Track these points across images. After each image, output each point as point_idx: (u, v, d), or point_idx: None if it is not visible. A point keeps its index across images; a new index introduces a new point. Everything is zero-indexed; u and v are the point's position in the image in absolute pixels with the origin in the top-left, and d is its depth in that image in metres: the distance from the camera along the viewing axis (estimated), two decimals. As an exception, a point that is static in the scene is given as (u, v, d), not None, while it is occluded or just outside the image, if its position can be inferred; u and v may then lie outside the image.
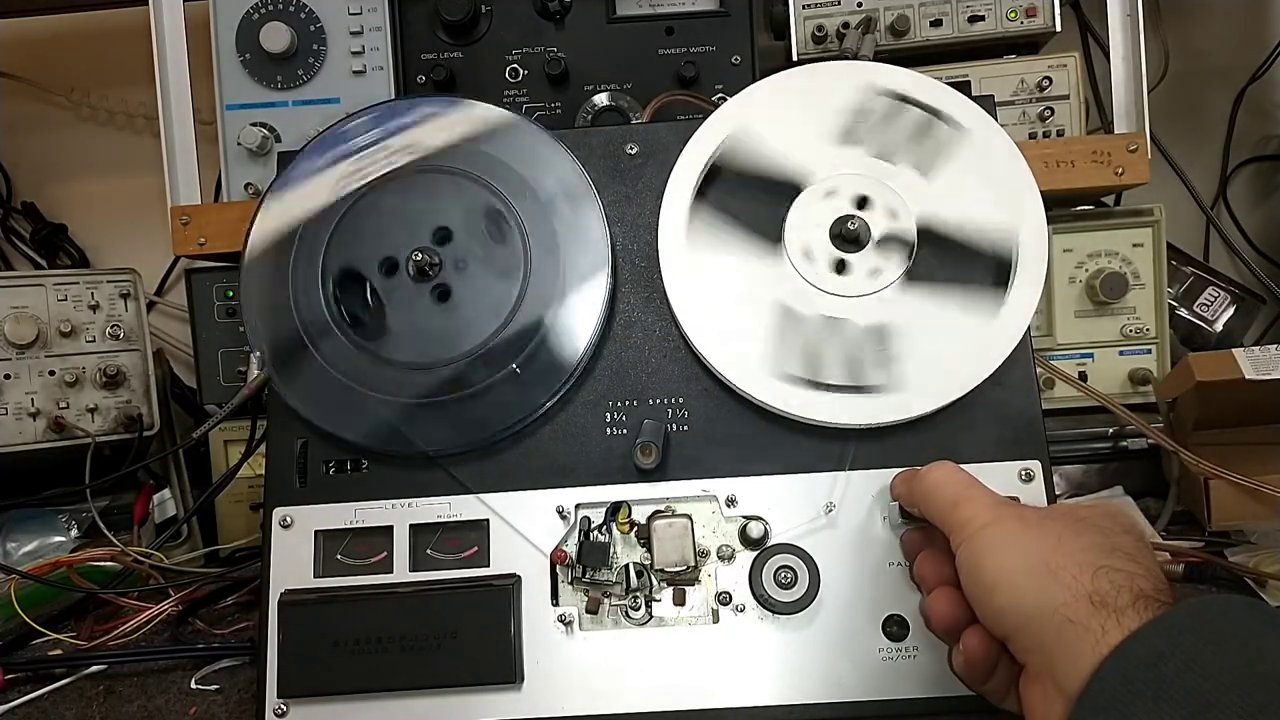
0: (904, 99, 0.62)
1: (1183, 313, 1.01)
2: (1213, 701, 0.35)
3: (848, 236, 0.59)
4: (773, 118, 0.62)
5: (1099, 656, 0.39)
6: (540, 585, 0.59)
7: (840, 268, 0.60)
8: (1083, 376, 0.92)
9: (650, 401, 0.61)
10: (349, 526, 0.60)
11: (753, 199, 0.61)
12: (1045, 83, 0.93)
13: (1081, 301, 0.93)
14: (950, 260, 0.59)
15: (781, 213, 0.61)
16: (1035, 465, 0.59)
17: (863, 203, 0.60)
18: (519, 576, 0.59)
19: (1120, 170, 0.84)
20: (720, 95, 0.93)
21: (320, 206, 0.63)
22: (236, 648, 0.71)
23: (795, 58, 0.96)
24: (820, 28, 0.96)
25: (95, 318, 0.91)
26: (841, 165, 0.61)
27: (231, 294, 0.92)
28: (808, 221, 0.60)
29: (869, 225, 0.60)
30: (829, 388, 0.58)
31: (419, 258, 0.61)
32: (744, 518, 0.59)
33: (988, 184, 0.60)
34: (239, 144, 0.92)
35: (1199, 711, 0.35)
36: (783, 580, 0.57)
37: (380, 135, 0.64)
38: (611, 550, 0.59)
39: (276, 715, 0.57)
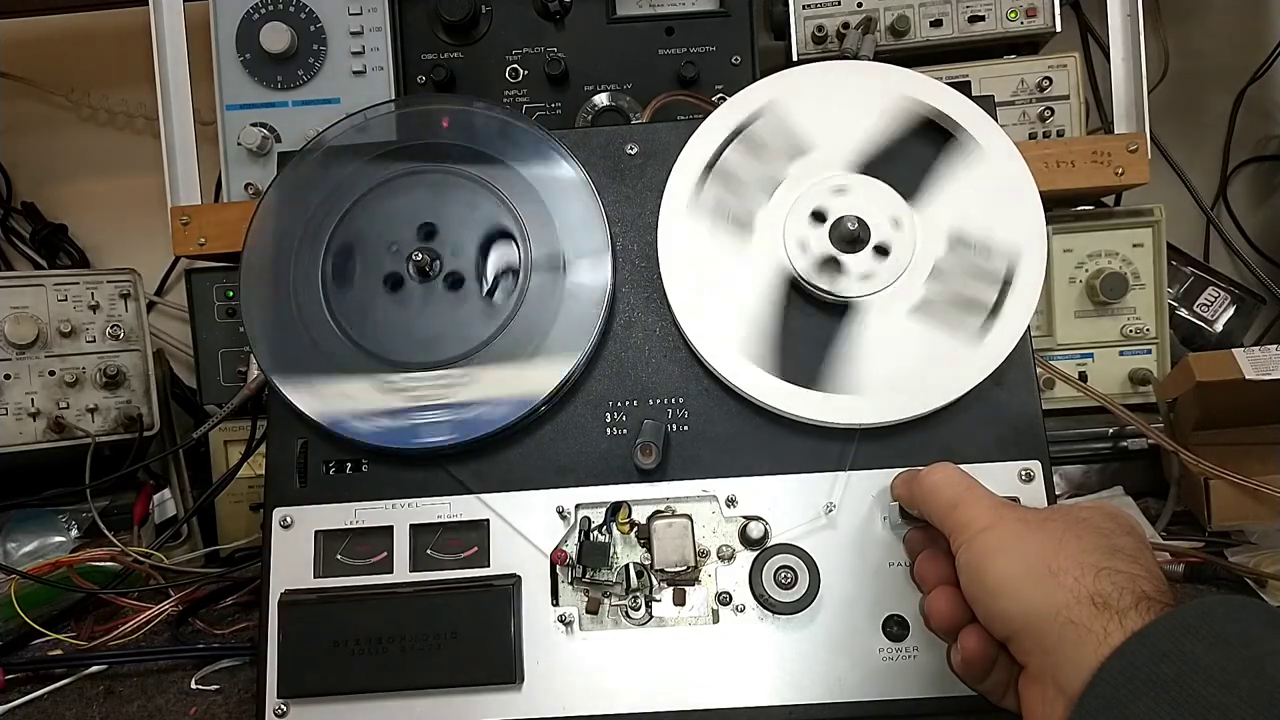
0: (710, 162, 0.61)
1: (1183, 313, 1.01)
2: (1214, 703, 0.35)
3: (847, 236, 0.59)
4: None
5: (1101, 658, 0.39)
6: (540, 585, 0.59)
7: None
8: (1083, 377, 0.92)
9: (650, 401, 0.61)
10: (349, 526, 0.60)
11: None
12: (1045, 83, 0.93)
13: (1081, 301, 0.93)
14: (902, 162, 0.59)
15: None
16: (1035, 465, 0.59)
17: (819, 215, 0.60)
18: (519, 576, 0.59)
19: (1120, 170, 0.84)
20: (720, 95, 0.93)
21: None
22: (236, 648, 0.71)
23: (795, 58, 0.96)
24: (820, 28, 0.96)
25: (95, 318, 0.91)
26: (776, 217, 0.61)
27: (231, 294, 0.92)
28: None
29: (869, 228, 0.59)
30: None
31: (419, 258, 0.61)
32: (744, 518, 0.59)
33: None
34: (239, 144, 0.92)
35: (1200, 713, 0.35)
36: (783, 580, 0.57)
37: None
38: (611, 550, 0.59)
39: (276, 715, 0.57)
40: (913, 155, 0.61)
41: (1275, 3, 1.18)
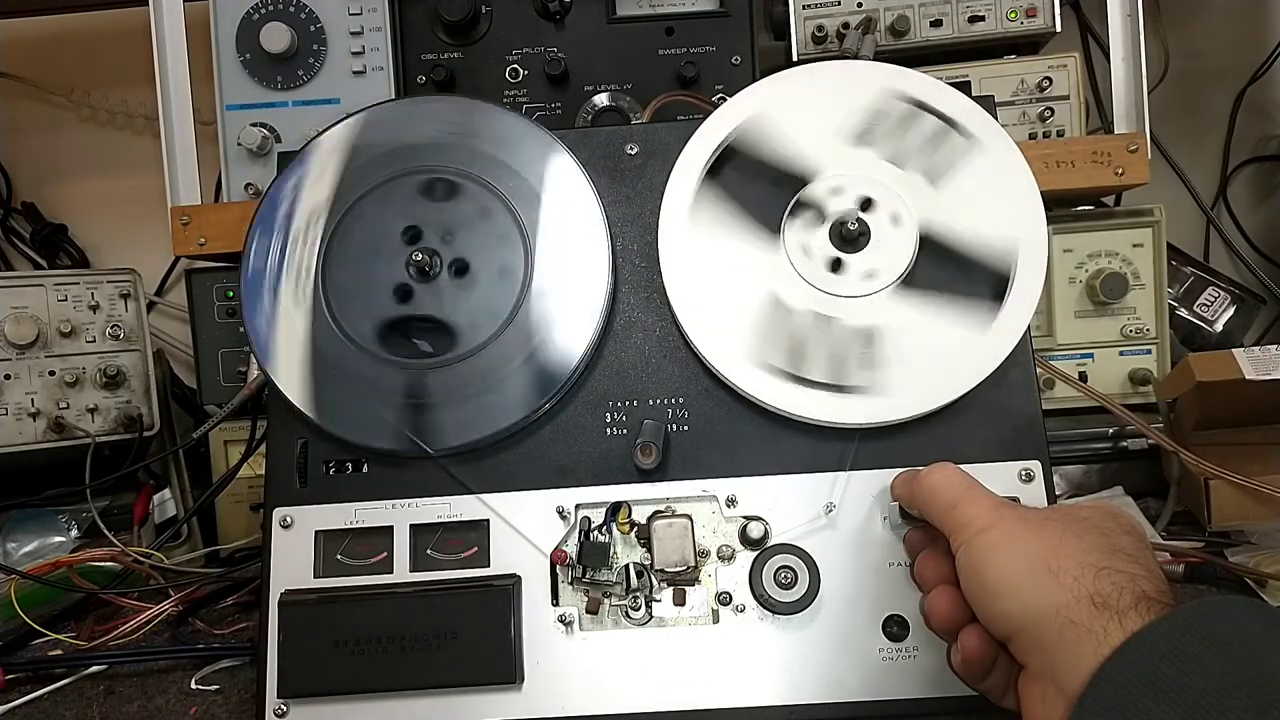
0: (922, 105, 0.61)
1: (1183, 313, 1.01)
2: (1214, 703, 0.35)
3: (847, 236, 0.59)
4: (792, 109, 0.62)
5: (1101, 658, 0.39)
6: (540, 585, 0.59)
7: (836, 266, 0.60)
8: (1083, 377, 0.92)
9: (650, 401, 0.61)
10: (349, 526, 0.60)
11: (760, 185, 0.61)
12: (1045, 83, 0.93)
13: (1081, 301, 0.93)
14: (949, 270, 0.59)
15: (785, 203, 0.61)
16: (1035, 465, 0.59)
17: (866, 204, 0.60)
18: (519, 576, 0.59)
19: (1120, 170, 0.84)
20: (720, 95, 0.93)
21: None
22: (236, 648, 0.71)
23: (795, 58, 0.96)
24: (820, 28, 0.96)
25: (95, 318, 0.91)
26: (851, 165, 0.61)
27: (231, 294, 0.92)
28: (809, 217, 0.60)
29: (869, 227, 0.60)
30: (809, 383, 0.58)
31: (418, 258, 0.61)
32: (744, 518, 0.59)
33: (995, 197, 0.60)
34: (239, 144, 0.92)
35: (1200, 714, 0.35)
36: (783, 580, 0.57)
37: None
38: (611, 550, 0.59)
39: (276, 715, 0.57)
40: (959, 277, 0.60)
41: (1275, 3, 1.18)
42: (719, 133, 0.62)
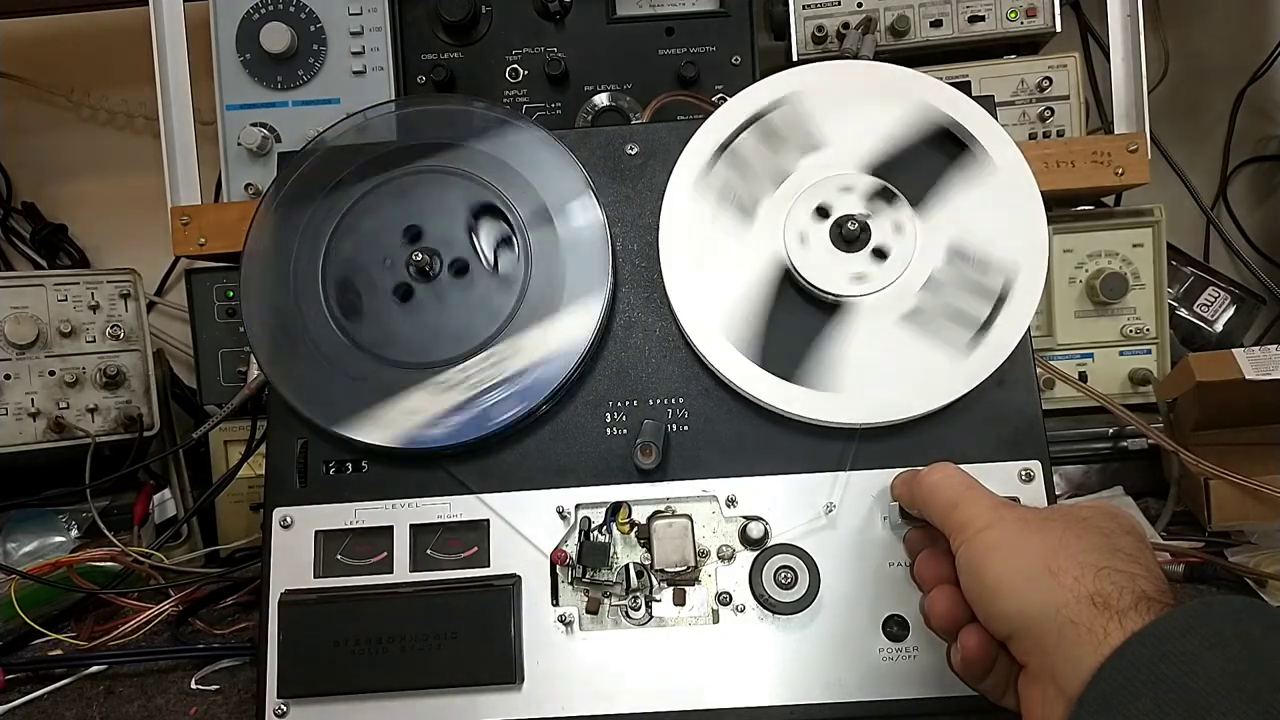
0: (722, 146, 0.61)
1: (1183, 313, 1.01)
2: (1214, 704, 0.35)
3: (845, 236, 0.59)
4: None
5: (1101, 658, 0.39)
6: (540, 585, 0.58)
7: (879, 255, 0.59)
8: (1083, 377, 0.92)
9: (650, 401, 0.61)
10: (349, 526, 0.60)
11: (787, 325, 0.60)
12: (1045, 83, 0.93)
13: (1081, 301, 0.93)
14: (914, 168, 0.59)
15: (807, 295, 0.60)
16: (1035, 465, 0.59)
17: (824, 211, 0.60)
18: (519, 576, 0.59)
19: (1120, 170, 0.84)
20: (720, 95, 0.93)
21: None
22: (236, 648, 0.71)
23: (795, 58, 0.96)
24: (820, 28, 0.96)
25: (95, 318, 0.91)
26: (773, 223, 0.60)
27: (231, 294, 0.92)
28: (828, 268, 0.59)
29: (871, 231, 0.59)
30: (989, 321, 0.58)
31: (418, 258, 0.61)
32: (744, 518, 0.59)
33: (863, 101, 0.60)
34: (239, 144, 0.92)
35: (1200, 714, 0.35)
36: (783, 580, 0.57)
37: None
38: (611, 550, 0.59)
39: (276, 715, 0.57)
40: (924, 163, 0.60)
41: (1275, 3, 1.18)
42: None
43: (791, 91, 0.62)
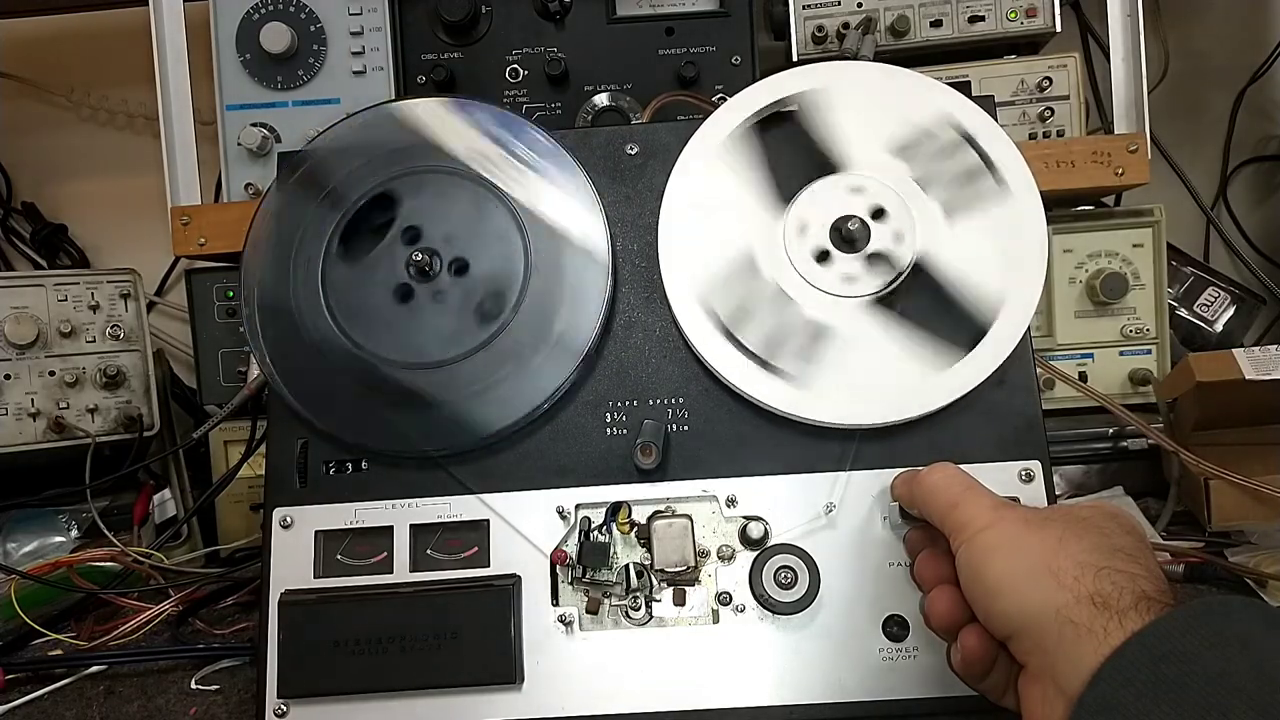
0: (970, 140, 0.61)
1: (1183, 313, 1.01)
2: (1214, 704, 0.35)
3: (845, 235, 0.59)
4: (854, 97, 0.62)
5: (1101, 658, 0.39)
6: (540, 585, 0.58)
7: (823, 258, 0.60)
8: (1083, 377, 0.92)
9: (650, 401, 0.61)
10: (349, 526, 0.60)
11: (794, 153, 0.61)
12: (1045, 83, 0.93)
13: (1081, 302, 0.93)
14: (929, 304, 0.59)
15: (806, 179, 0.61)
16: (1035, 465, 0.59)
17: (879, 213, 0.60)
18: (519, 576, 0.59)
19: (1120, 170, 0.84)
20: (720, 95, 0.93)
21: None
22: (236, 648, 0.71)
23: (795, 58, 0.96)
24: (820, 28, 0.96)
25: (95, 318, 0.91)
26: (881, 171, 0.61)
27: (231, 294, 0.92)
28: (821, 201, 0.60)
29: (869, 234, 0.59)
30: (739, 345, 0.59)
31: (418, 258, 0.61)
32: (744, 518, 0.59)
33: (1002, 251, 0.59)
34: (239, 144, 0.92)
35: (1201, 714, 0.35)
36: (783, 580, 0.57)
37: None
38: (611, 550, 0.59)
39: (276, 715, 0.57)
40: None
41: (1275, 3, 1.18)
42: (781, 92, 0.62)
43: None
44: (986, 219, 0.60)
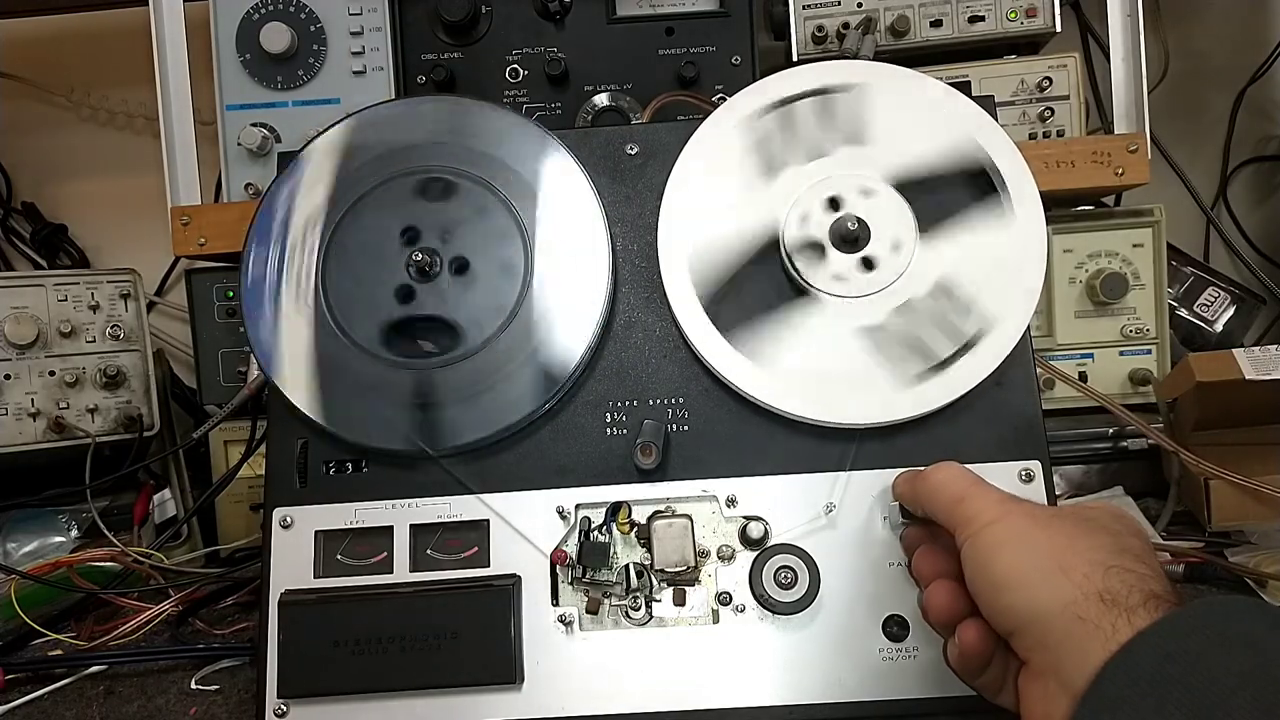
0: (781, 102, 0.62)
1: (1183, 313, 1.01)
2: (1218, 703, 0.35)
3: (845, 235, 0.59)
4: (704, 211, 0.62)
5: (1108, 654, 0.39)
6: (540, 585, 0.58)
7: (867, 265, 0.59)
8: (1083, 377, 0.92)
9: (650, 401, 0.61)
10: (349, 526, 0.60)
11: (753, 288, 0.61)
12: (1045, 83, 0.93)
13: (1081, 302, 0.93)
14: (938, 195, 0.59)
15: (781, 271, 0.60)
16: (1035, 465, 0.59)
17: (835, 203, 0.60)
18: (519, 576, 0.59)
19: (1120, 170, 0.84)
20: (720, 95, 0.93)
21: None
22: (236, 648, 0.71)
23: (795, 58, 0.96)
24: (820, 28, 0.96)
25: (95, 318, 0.91)
26: (788, 192, 0.61)
27: (231, 294, 0.92)
28: (830, 184, 0.60)
29: (869, 236, 0.59)
30: (950, 361, 0.58)
31: (419, 258, 0.61)
32: (744, 518, 0.59)
33: (919, 115, 0.61)
34: (239, 144, 0.92)
35: (1205, 713, 0.35)
36: (783, 580, 0.57)
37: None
38: (611, 550, 0.59)
39: (276, 715, 0.57)
40: (951, 193, 0.60)
41: (1275, 3, 1.18)
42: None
43: (863, 82, 0.62)
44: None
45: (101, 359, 0.91)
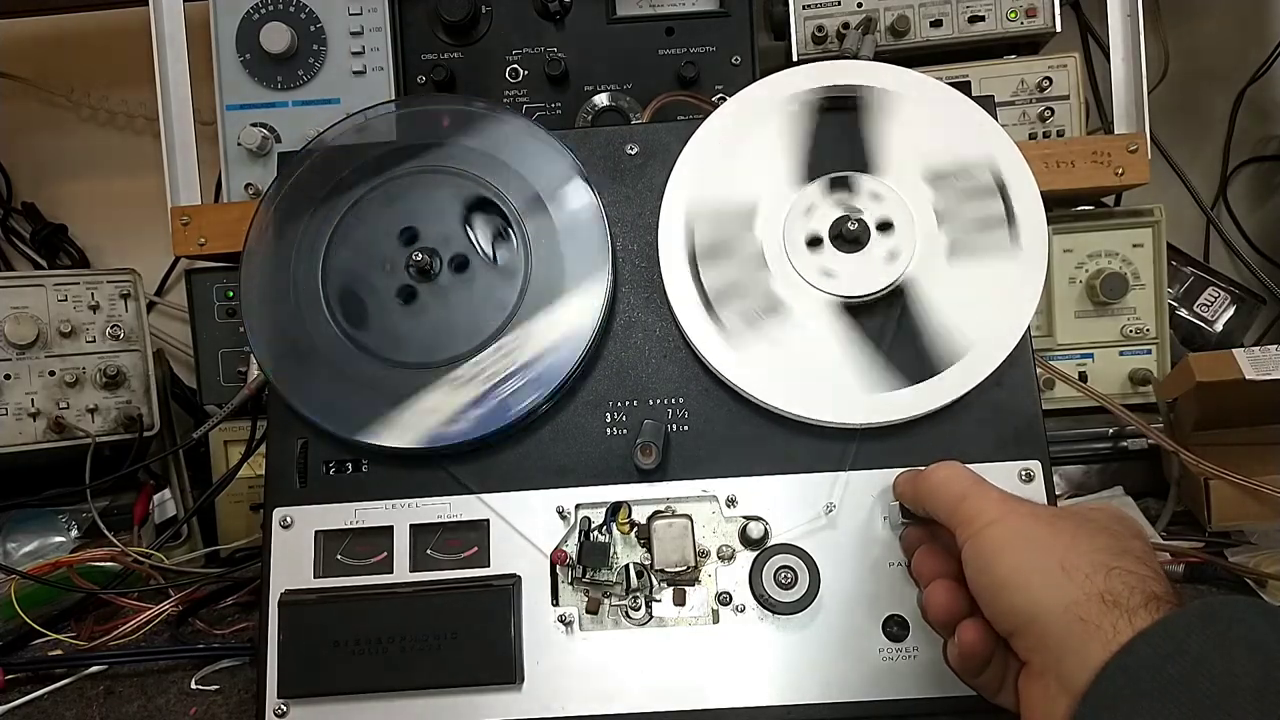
0: (1002, 189, 0.60)
1: (1183, 313, 1.01)
2: (1219, 704, 0.35)
3: (844, 234, 0.59)
4: (916, 112, 0.62)
5: (1108, 655, 0.39)
6: (540, 585, 0.58)
7: (814, 243, 0.60)
8: (1083, 377, 0.92)
9: (650, 401, 0.61)
10: (349, 526, 0.60)
11: (838, 138, 0.61)
12: (1045, 83, 0.93)
13: (1081, 301, 0.93)
14: (892, 329, 0.59)
15: (837, 169, 0.61)
16: (1035, 465, 0.59)
17: (884, 226, 0.60)
18: (519, 576, 0.59)
19: (1120, 170, 0.84)
20: (720, 95, 0.93)
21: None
22: (236, 648, 0.71)
23: (795, 58, 0.96)
24: (820, 28, 0.96)
25: (95, 318, 0.91)
26: (906, 189, 0.60)
27: (231, 294, 0.92)
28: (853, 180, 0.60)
29: (868, 239, 0.59)
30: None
31: (418, 258, 0.61)
32: (744, 518, 0.59)
33: (987, 306, 0.59)
34: (239, 144, 0.92)
35: (1206, 713, 0.35)
36: (783, 580, 0.57)
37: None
38: (611, 550, 0.59)
39: (276, 715, 0.57)
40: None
41: (1275, 3, 1.18)
42: (850, 79, 0.62)
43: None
44: (987, 270, 0.59)
45: (101, 359, 0.91)
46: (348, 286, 0.62)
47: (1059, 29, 0.95)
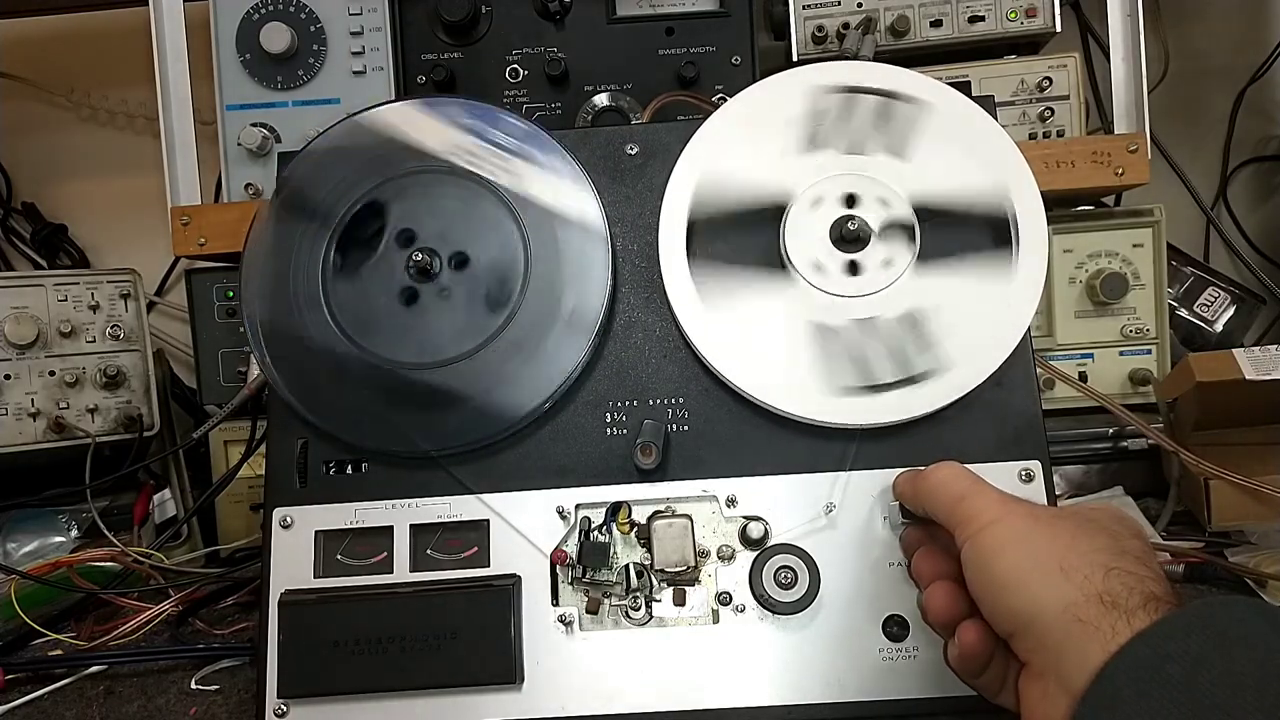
0: (853, 90, 0.62)
1: (1183, 313, 1.01)
2: (1219, 704, 0.35)
3: (849, 237, 0.59)
4: (732, 147, 0.62)
5: (1107, 655, 0.39)
6: (540, 585, 0.58)
7: (853, 269, 0.60)
8: (1083, 377, 0.92)
9: (650, 401, 0.61)
10: (349, 526, 0.60)
11: (740, 236, 0.61)
12: (1045, 83, 0.93)
13: (1081, 302, 0.93)
14: (951, 232, 0.59)
15: (775, 237, 0.60)
16: (1035, 465, 0.59)
17: (851, 200, 0.60)
18: (519, 576, 0.59)
19: (1120, 170, 0.84)
20: (720, 95, 0.93)
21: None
22: (236, 648, 0.71)
23: (795, 58, 0.96)
24: (820, 28, 0.96)
25: (95, 318, 0.91)
26: (817, 171, 0.61)
27: (231, 294, 0.92)
28: (806, 235, 0.60)
29: (867, 221, 0.60)
30: (885, 387, 0.58)
31: (418, 258, 0.61)
32: (744, 518, 0.59)
33: (964, 150, 0.60)
34: (239, 144, 0.92)
35: (1205, 713, 0.35)
36: (783, 580, 0.57)
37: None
38: (611, 550, 0.59)
39: (276, 715, 0.57)
40: (963, 234, 0.60)
41: (1275, 3, 1.18)
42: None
43: (929, 100, 0.62)
44: (929, 135, 0.60)
45: (101, 359, 0.91)
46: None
47: (1059, 29, 0.95)
